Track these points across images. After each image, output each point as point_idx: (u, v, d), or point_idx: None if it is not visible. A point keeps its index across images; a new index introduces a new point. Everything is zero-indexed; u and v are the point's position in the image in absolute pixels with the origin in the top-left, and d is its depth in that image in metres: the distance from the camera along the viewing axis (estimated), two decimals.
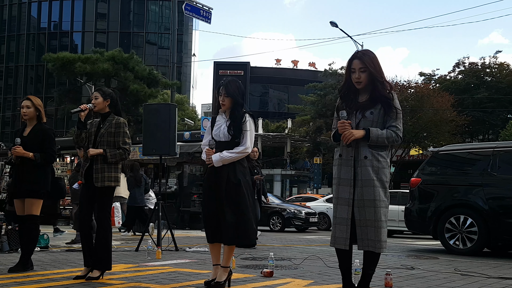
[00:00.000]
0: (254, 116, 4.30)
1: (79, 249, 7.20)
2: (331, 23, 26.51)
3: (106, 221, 4.69)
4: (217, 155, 4.12)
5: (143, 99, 22.43)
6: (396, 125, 3.58)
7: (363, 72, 3.59)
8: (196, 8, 20.35)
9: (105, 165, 4.66)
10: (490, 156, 7.90)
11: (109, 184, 4.67)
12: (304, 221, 16.14)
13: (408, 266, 5.98)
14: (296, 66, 54.70)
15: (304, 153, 36.81)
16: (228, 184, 4.10)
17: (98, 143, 4.71)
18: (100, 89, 4.93)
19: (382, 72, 3.64)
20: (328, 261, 6.17)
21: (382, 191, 3.54)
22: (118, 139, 4.72)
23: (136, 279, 4.69)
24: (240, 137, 4.15)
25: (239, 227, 4.06)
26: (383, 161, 3.58)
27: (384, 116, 3.60)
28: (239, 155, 4.14)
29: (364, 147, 3.55)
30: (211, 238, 4.18)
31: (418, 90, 26.81)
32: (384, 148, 3.61)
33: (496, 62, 33.12)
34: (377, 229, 3.50)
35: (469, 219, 7.68)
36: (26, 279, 4.54)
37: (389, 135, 3.54)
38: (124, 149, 4.72)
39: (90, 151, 4.69)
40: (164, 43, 53.71)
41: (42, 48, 52.27)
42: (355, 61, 3.62)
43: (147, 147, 7.77)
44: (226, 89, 4.18)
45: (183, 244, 8.20)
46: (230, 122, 4.17)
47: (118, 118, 4.82)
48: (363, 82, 3.61)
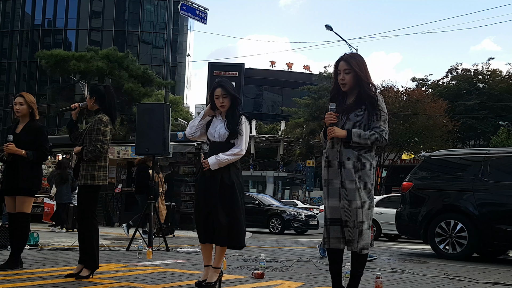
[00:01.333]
0: (249, 118, 4.32)
1: (69, 247, 7.19)
2: (326, 26, 26.59)
3: (88, 220, 4.66)
4: (213, 158, 4.11)
5: (137, 98, 22.35)
6: (380, 126, 3.60)
7: (348, 73, 3.63)
8: (192, 8, 20.35)
9: (84, 164, 4.66)
10: (481, 162, 7.96)
11: (85, 183, 4.63)
12: (304, 224, 16.04)
13: (398, 269, 6.01)
14: (290, 68, 54.81)
15: (297, 155, 36.89)
16: (221, 186, 4.10)
17: (84, 141, 4.72)
18: (91, 87, 4.92)
19: (369, 75, 3.67)
20: (319, 263, 6.19)
21: (365, 192, 3.56)
22: (92, 136, 4.65)
23: (127, 278, 4.67)
24: (236, 137, 4.16)
25: (231, 229, 4.07)
26: (367, 162, 3.60)
27: (368, 118, 3.63)
28: (234, 157, 4.14)
29: (347, 149, 3.58)
30: (203, 239, 4.18)
31: (413, 95, 26.98)
32: (368, 150, 3.63)
33: (488, 69, 33.38)
34: (360, 230, 3.53)
35: (459, 224, 7.73)
36: (15, 277, 4.52)
37: (372, 136, 3.57)
38: (95, 146, 4.62)
39: (74, 149, 4.73)
40: (159, 43, 53.61)
41: (35, 45, 52.00)
42: (341, 62, 3.68)
43: (140, 146, 7.76)
44: (225, 89, 4.19)
45: (174, 245, 8.19)
46: (228, 120, 4.18)
47: (98, 115, 4.74)
48: (348, 84, 3.65)
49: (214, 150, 4.16)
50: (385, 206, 14.04)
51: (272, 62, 54.19)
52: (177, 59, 51.99)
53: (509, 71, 33.16)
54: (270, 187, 36.56)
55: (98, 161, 4.69)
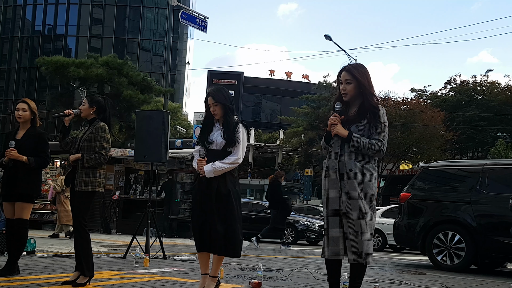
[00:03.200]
0: (247, 126, 4.32)
1: (66, 254, 7.16)
2: (325, 36, 26.70)
3: (81, 227, 4.65)
4: (209, 166, 4.11)
5: (136, 105, 22.39)
6: (379, 138, 3.63)
7: (349, 83, 3.67)
8: (192, 16, 20.46)
9: (83, 170, 4.66)
10: (480, 173, 7.97)
11: (86, 189, 4.64)
12: (317, 234, 15.56)
13: (396, 280, 5.99)
14: (289, 77, 54.92)
15: (295, 164, 36.87)
16: (218, 194, 4.10)
17: (80, 148, 4.72)
18: (89, 95, 4.95)
19: (372, 86, 3.71)
20: (316, 273, 6.17)
21: (367, 204, 3.58)
22: (95, 144, 4.69)
23: (123, 286, 4.66)
24: (232, 145, 4.15)
25: (227, 238, 4.06)
26: (369, 174, 3.62)
27: (369, 130, 3.64)
28: (231, 166, 4.14)
29: (350, 160, 3.59)
30: (199, 247, 4.17)
31: (411, 106, 27.06)
32: (369, 161, 3.65)
33: (487, 81, 33.50)
34: (364, 242, 3.53)
35: (457, 235, 7.73)
36: (12, 284, 4.50)
37: (371, 144, 3.59)
38: (99, 153, 4.67)
39: (70, 157, 4.71)
40: (158, 50, 53.75)
41: (35, 51, 52.09)
42: (343, 73, 3.72)
43: (139, 153, 7.76)
44: (214, 97, 4.19)
45: (172, 252, 8.16)
46: (224, 129, 4.18)
47: (99, 122, 4.80)
48: (349, 94, 3.69)
49: (211, 158, 4.16)
50: (390, 217, 13.92)
51: (272, 71, 54.33)
52: (177, 66, 52.09)
53: (507, 83, 33.33)
54: None
55: (99, 168, 4.71)
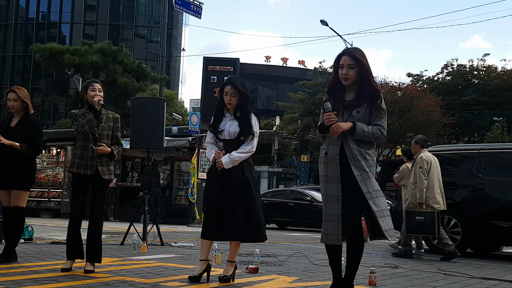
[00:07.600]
0: (258, 114, 4.40)
1: (63, 241, 7.16)
2: (321, 21, 26.50)
3: (103, 213, 4.91)
4: (226, 157, 4.18)
5: (132, 93, 22.32)
6: (381, 123, 3.63)
7: (352, 68, 3.62)
8: (186, 2, 20.24)
9: (107, 158, 4.74)
10: (476, 157, 7.99)
11: (110, 178, 4.81)
12: None
13: (392, 265, 6.03)
14: (285, 64, 54.68)
15: (292, 150, 36.88)
16: (236, 183, 4.17)
17: (100, 136, 4.71)
18: (98, 81, 4.88)
19: (371, 71, 3.67)
20: (313, 258, 6.21)
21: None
22: (116, 134, 4.84)
23: (121, 272, 4.68)
24: (248, 135, 4.21)
25: (250, 224, 4.13)
26: (370, 159, 3.63)
27: (369, 115, 3.63)
28: (247, 155, 4.22)
29: (353, 146, 3.58)
30: (213, 236, 4.21)
31: (407, 91, 27.01)
32: (370, 146, 3.66)
33: (484, 65, 33.44)
34: (390, 218, 3.58)
35: (453, 219, 7.77)
36: (9, 271, 4.51)
37: (374, 131, 3.59)
38: (121, 145, 4.88)
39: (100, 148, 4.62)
40: (153, 37, 53.32)
41: (29, 38, 51.61)
42: (344, 57, 3.64)
43: (135, 140, 7.74)
44: (235, 87, 4.21)
45: (169, 239, 8.19)
46: (240, 119, 4.22)
47: (113, 112, 4.94)
48: (351, 79, 3.64)
49: (225, 148, 4.23)
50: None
51: (267, 57, 54.03)
52: (172, 53, 51.79)
53: (504, 67, 33.28)
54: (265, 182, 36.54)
55: None
